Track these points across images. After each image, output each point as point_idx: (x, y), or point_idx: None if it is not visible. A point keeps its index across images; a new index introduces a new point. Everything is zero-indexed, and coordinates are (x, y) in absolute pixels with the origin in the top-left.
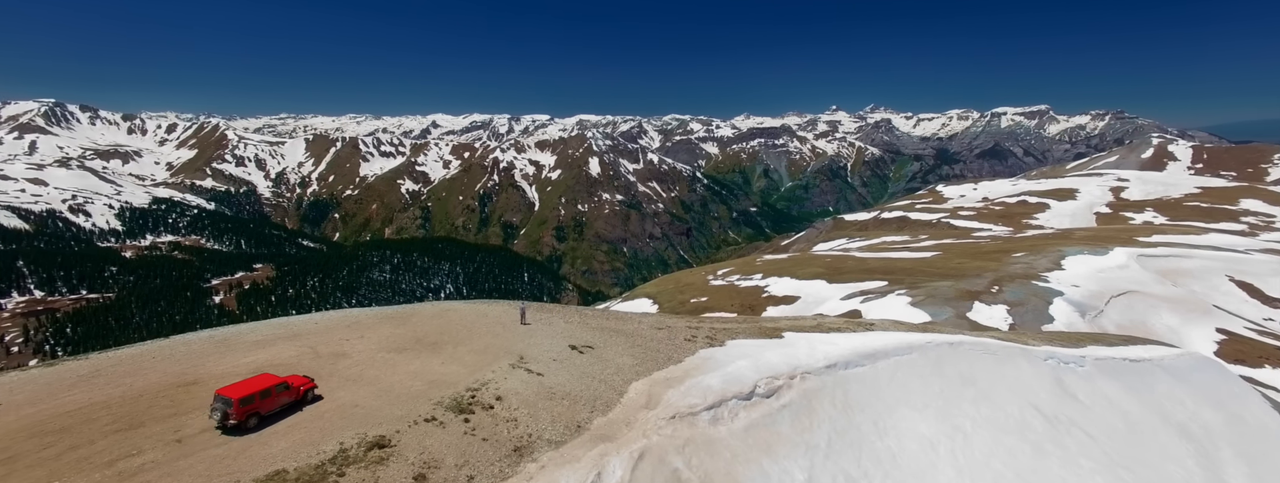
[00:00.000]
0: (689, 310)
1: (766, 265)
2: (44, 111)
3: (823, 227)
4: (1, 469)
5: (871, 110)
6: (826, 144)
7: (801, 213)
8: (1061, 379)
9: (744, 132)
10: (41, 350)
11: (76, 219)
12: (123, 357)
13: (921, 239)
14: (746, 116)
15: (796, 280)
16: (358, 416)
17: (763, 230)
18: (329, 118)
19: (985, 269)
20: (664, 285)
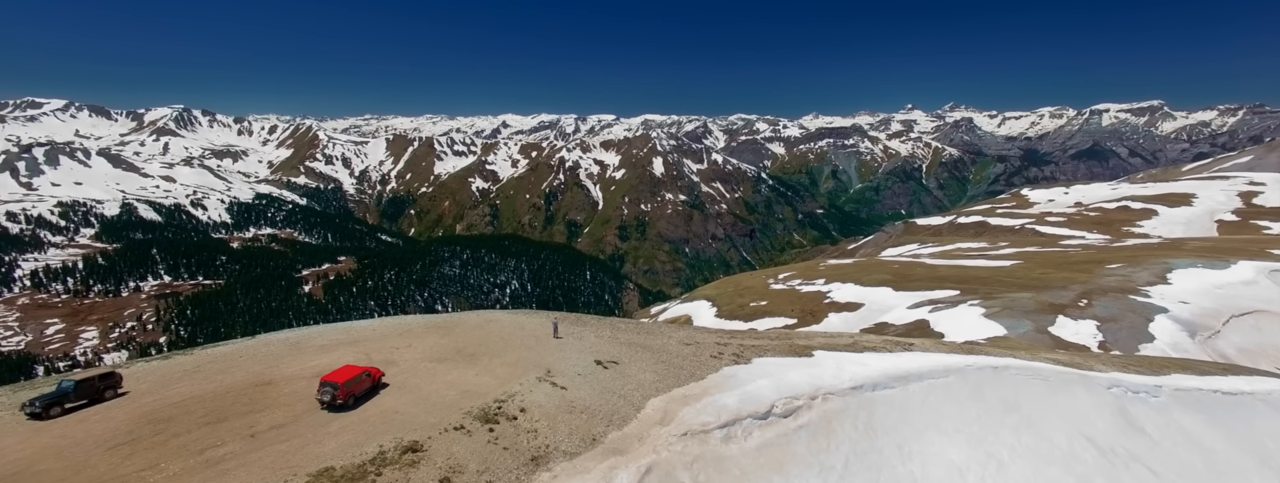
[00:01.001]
0: (747, 314)
1: (830, 270)
2: (174, 117)
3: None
4: (127, 449)
5: (950, 109)
6: (900, 144)
7: (871, 216)
8: (1126, 410)
9: (812, 131)
10: (168, 329)
11: (196, 213)
12: (217, 355)
13: (1001, 246)
14: (815, 116)
15: (861, 287)
16: (397, 421)
17: (829, 233)
18: (408, 118)
19: (1073, 281)
20: (723, 288)
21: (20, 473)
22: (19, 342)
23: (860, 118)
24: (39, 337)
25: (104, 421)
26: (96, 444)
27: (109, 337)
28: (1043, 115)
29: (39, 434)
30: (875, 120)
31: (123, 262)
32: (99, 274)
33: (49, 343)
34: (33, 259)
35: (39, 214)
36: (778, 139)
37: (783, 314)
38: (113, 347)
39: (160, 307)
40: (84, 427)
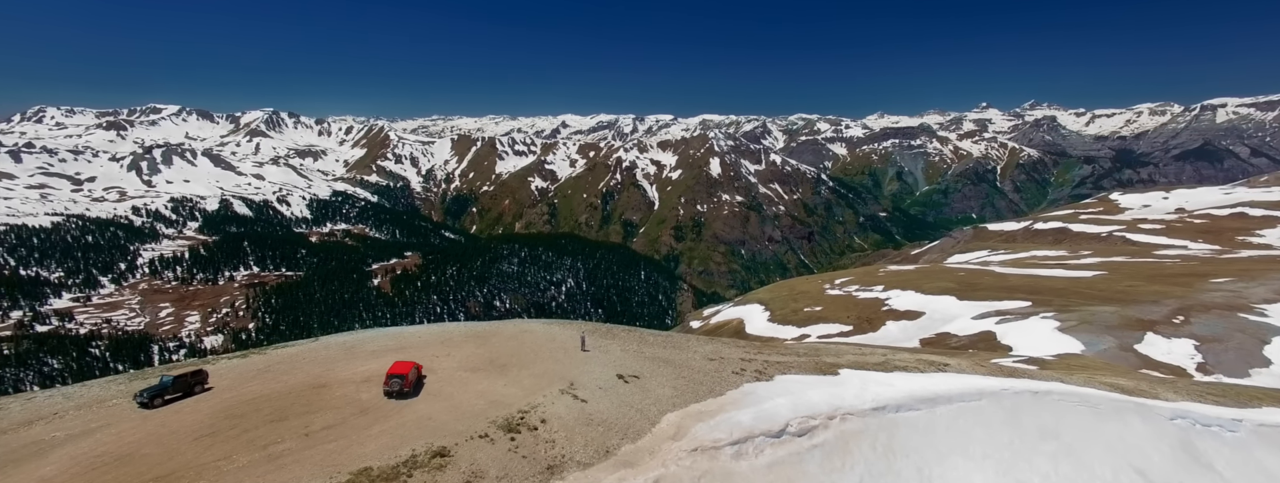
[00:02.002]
0: (801, 320)
1: (889, 277)
2: (264, 119)
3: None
4: (208, 440)
5: (1031, 106)
6: (972, 145)
7: (939, 219)
8: (1191, 444)
9: (876, 131)
10: (256, 316)
11: (281, 208)
12: (284, 356)
13: (1082, 255)
14: (880, 116)
15: (922, 295)
16: (429, 427)
17: (892, 237)
18: (472, 119)
19: (1167, 295)
20: (777, 292)
21: (131, 455)
22: (139, 323)
23: (929, 117)
24: (154, 319)
25: (192, 413)
26: (186, 434)
27: (208, 321)
28: (1141, 112)
29: (146, 421)
30: (945, 120)
31: (220, 253)
32: (201, 264)
33: (162, 325)
34: (150, 249)
35: (156, 209)
36: (839, 139)
37: (838, 321)
38: (211, 330)
39: (250, 295)
40: (178, 417)
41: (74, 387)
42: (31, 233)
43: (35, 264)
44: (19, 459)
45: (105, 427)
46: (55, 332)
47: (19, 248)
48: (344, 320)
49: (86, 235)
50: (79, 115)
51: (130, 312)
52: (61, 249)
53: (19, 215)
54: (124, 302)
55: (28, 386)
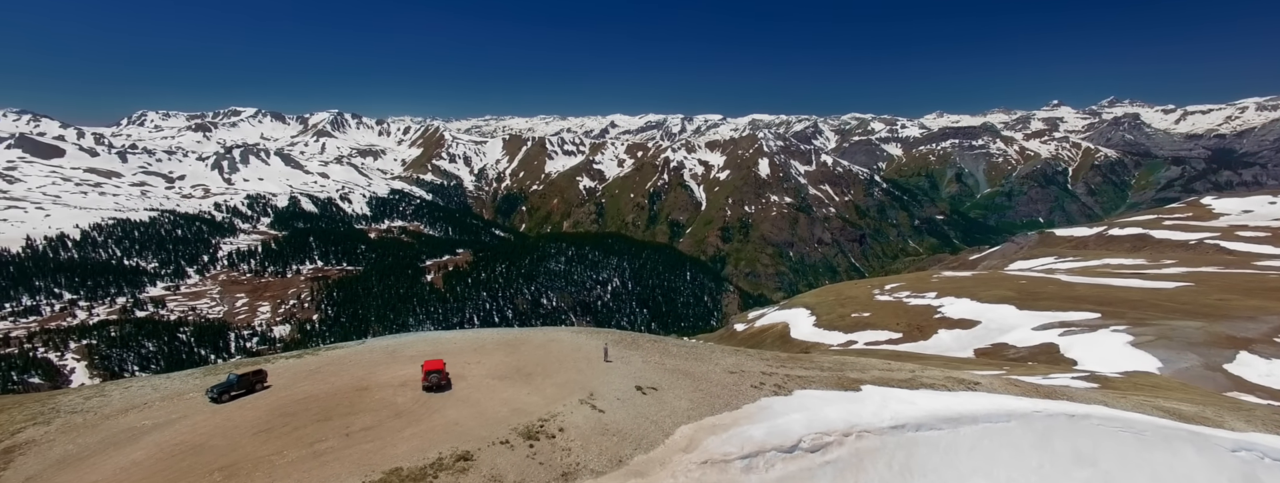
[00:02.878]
0: (847, 325)
1: (943, 283)
2: (330, 120)
3: (1024, 241)
4: (264, 436)
5: (1110, 103)
6: (1040, 145)
7: (1001, 224)
8: (1258, 479)
9: (934, 131)
10: (319, 308)
11: (343, 205)
12: (333, 358)
13: (1165, 264)
14: (939, 115)
15: (977, 303)
16: (456, 432)
17: (949, 241)
18: (523, 119)
19: (1267, 310)
20: (824, 296)
21: (202, 445)
22: (219, 312)
23: (993, 116)
24: (231, 308)
25: (252, 409)
26: (246, 429)
27: (278, 312)
28: (1245, 107)
29: (215, 415)
30: (1011, 119)
31: (288, 247)
32: (272, 257)
33: (237, 314)
34: (228, 242)
35: (234, 205)
36: (894, 140)
37: (886, 328)
38: (279, 321)
39: (314, 288)
40: (241, 413)
41: (160, 379)
42: (133, 226)
43: (135, 255)
44: (118, 443)
45: (183, 418)
46: (151, 317)
47: (123, 240)
48: (399, 315)
49: (176, 229)
50: (173, 118)
51: (211, 301)
52: (156, 241)
53: (124, 210)
54: (206, 291)
55: (129, 366)
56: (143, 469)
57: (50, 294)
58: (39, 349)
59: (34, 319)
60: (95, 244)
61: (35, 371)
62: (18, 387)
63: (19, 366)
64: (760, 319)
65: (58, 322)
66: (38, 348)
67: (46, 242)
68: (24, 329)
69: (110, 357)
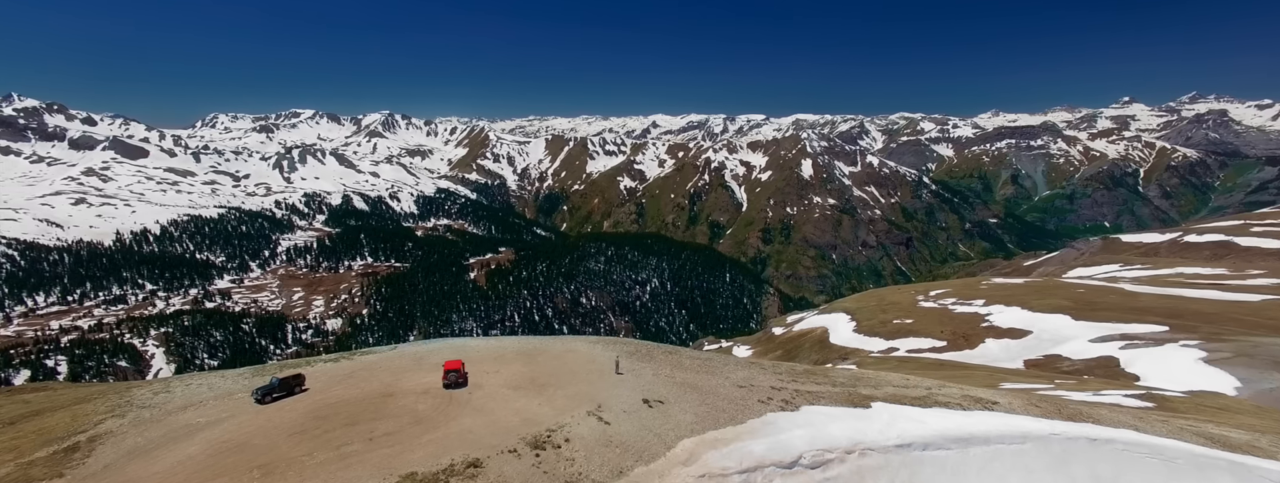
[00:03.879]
0: (888, 332)
1: (992, 290)
2: (381, 121)
3: (1085, 247)
4: (299, 437)
5: (1191, 99)
6: (1107, 145)
7: (1062, 228)
8: None
9: (989, 131)
10: (368, 302)
11: (392, 204)
12: (365, 363)
13: (1250, 275)
14: (994, 114)
15: (1029, 312)
16: (469, 440)
17: (1003, 246)
18: (566, 119)
19: None
20: (865, 301)
21: (245, 444)
22: (278, 304)
23: (1055, 115)
24: (289, 301)
25: (290, 412)
26: (284, 430)
27: (330, 306)
28: None
29: (258, 415)
30: (1074, 117)
31: (340, 243)
32: (325, 253)
33: (294, 307)
34: (287, 239)
35: (292, 203)
36: (945, 140)
37: (930, 335)
38: (332, 314)
39: (364, 284)
40: (280, 414)
41: (215, 377)
42: (204, 222)
43: (206, 249)
44: (176, 438)
45: (231, 417)
46: (218, 308)
47: (196, 235)
48: (443, 311)
49: (241, 225)
50: (240, 120)
51: (271, 294)
52: (224, 237)
53: (196, 207)
54: (266, 285)
55: (199, 354)
56: (195, 464)
57: (135, 285)
58: (125, 335)
59: (121, 307)
60: (172, 239)
61: (122, 355)
62: (109, 369)
63: (110, 350)
64: (799, 323)
65: (140, 310)
66: (124, 334)
67: (132, 236)
68: (113, 317)
69: (184, 344)
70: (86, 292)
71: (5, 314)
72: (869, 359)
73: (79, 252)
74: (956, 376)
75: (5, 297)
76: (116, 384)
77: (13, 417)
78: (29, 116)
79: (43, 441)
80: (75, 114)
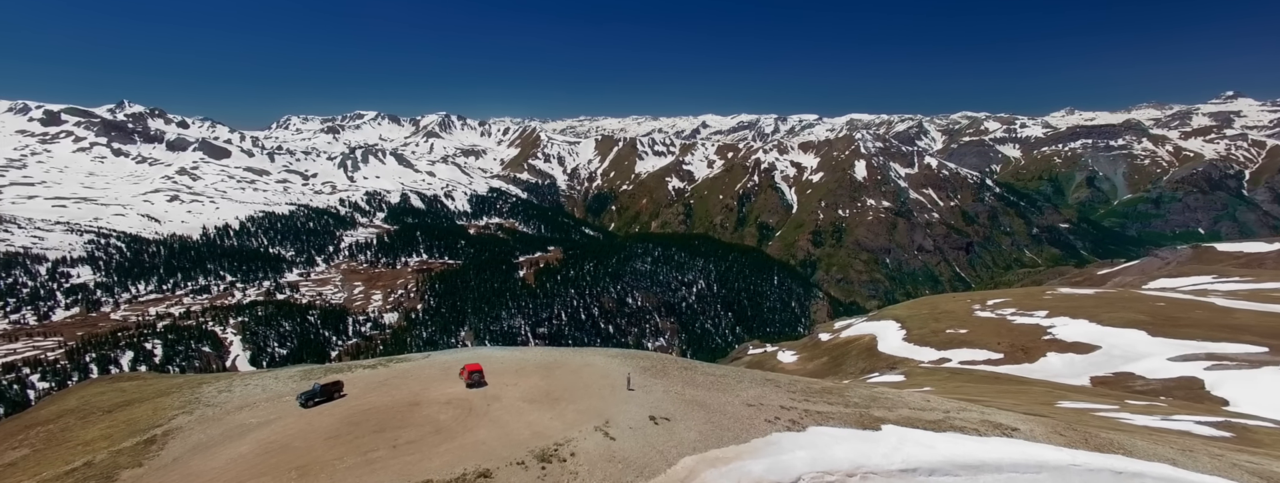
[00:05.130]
0: (940, 342)
1: (1057, 301)
2: (438, 122)
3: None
4: (333, 441)
5: None
6: (1204, 144)
7: (1145, 234)
8: None
9: (1061, 131)
10: (423, 298)
11: (447, 202)
12: (399, 371)
13: None
14: (1068, 112)
15: (1098, 325)
16: (482, 451)
17: (1075, 252)
18: (616, 119)
19: None
20: (916, 309)
21: (287, 446)
22: (340, 298)
23: (1140, 112)
24: (350, 295)
25: (328, 416)
26: (321, 434)
27: (388, 300)
28: None
29: (300, 418)
30: (1164, 115)
31: (398, 240)
32: (384, 249)
33: (354, 300)
34: (350, 235)
35: (355, 201)
36: (1012, 140)
37: (985, 347)
38: (389, 308)
39: (419, 280)
40: (319, 419)
41: (268, 378)
42: (277, 219)
43: (278, 244)
44: (231, 437)
45: (279, 419)
46: (288, 300)
47: (269, 230)
48: (493, 308)
49: (309, 222)
50: (310, 122)
51: (334, 288)
52: (293, 232)
53: (270, 204)
54: (330, 279)
55: (269, 342)
56: (245, 462)
57: (217, 276)
58: (208, 323)
59: (205, 297)
60: (249, 233)
61: (206, 341)
62: (195, 353)
63: (196, 336)
64: (847, 330)
65: (221, 300)
66: (208, 322)
67: (216, 231)
68: (199, 305)
69: (257, 333)
70: (178, 281)
71: (115, 300)
72: (918, 370)
73: (172, 245)
74: (1011, 390)
75: (115, 284)
76: (191, 378)
77: (111, 405)
78: (136, 121)
79: (130, 431)
80: (172, 118)
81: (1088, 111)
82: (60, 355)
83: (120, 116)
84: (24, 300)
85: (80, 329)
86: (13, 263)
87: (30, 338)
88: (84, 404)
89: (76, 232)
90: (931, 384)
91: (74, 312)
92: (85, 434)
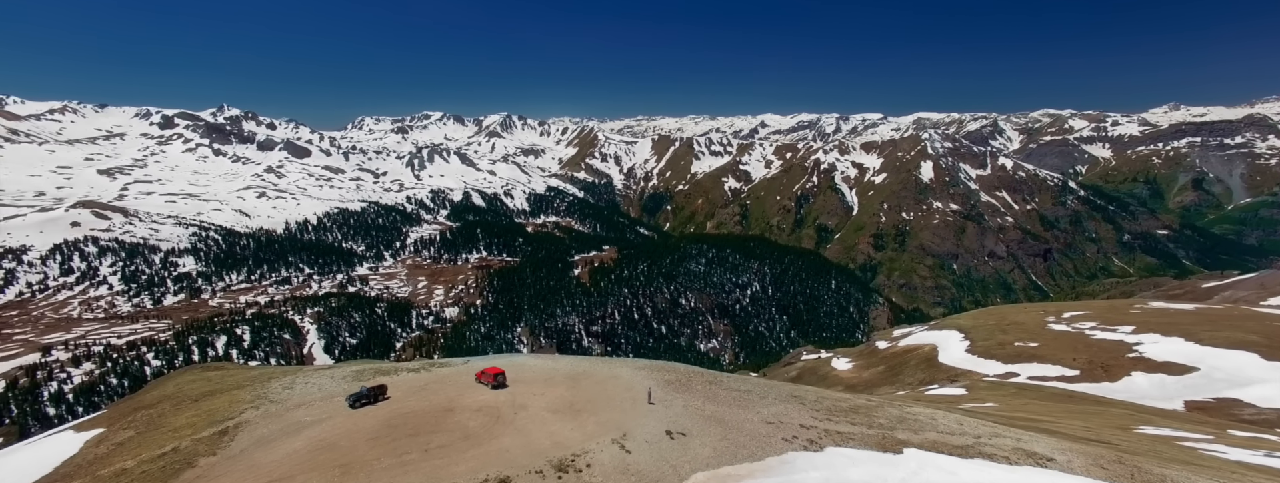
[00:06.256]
0: (1007, 355)
1: (1146, 315)
2: (500, 122)
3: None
4: (373, 442)
5: None
6: None
7: (1268, 243)
8: None
9: (1163, 129)
10: (481, 294)
11: (506, 201)
12: (438, 376)
13: None
14: (1172, 108)
15: (1196, 344)
16: (504, 459)
17: (1176, 262)
18: (673, 119)
19: None
20: (982, 319)
21: (334, 444)
22: (405, 291)
23: (1264, 105)
24: (414, 289)
25: (371, 418)
26: (363, 435)
27: (449, 295)
28: None
29: (348, 418)
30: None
31: (459, 237)
32: (446, 246)
33: (418, 294)
34: (414, 231)
35: (420, 199)
36: (1101, 139)
37: (1058, 362)
38: (450, 303)
39: (478, 276)
40: (364, 420)
41: (324, 378)
42: (350, 215)
43: (350, 239)
44: (288, 433)
45: (329, 418)
46: (358, 293)
47: (343, 225)
48: (548, 305)
49: (378, 218)
50: (382, 123)
51: (400, 282)
52: (364, 228)
53: (344, 201)
54: (396, 273)
55: (341, 332)
56: (298, 457)
57: (296, 268)
58: (288, 312)
59: (287, 287)
60: (325, 229)
61: (286, 329)
62: (277, 340)
63: (277, 324)
64: (906, 338)
65: (300, 291)
66: (288, 311)
67: (296, 225)
68: (281, 295)
69: (331, 323)
70: (263, 272)
71: (212, 288)
72: (981, 384)
73: (260, 238)
74: (1085, 410)
75: (212, 274)
76: (264, 371)
77: (198, 394)
78: (233, 124)
79: (209, 421)
80: (262, 120)
81: (1196, 107)
82: (169, 337)
83: (220, 120)
84: (143, 286)
85: (185, 313)
86: (136, 252)
87: (147, 320)
88: (178, 391)
89: (183, 225)
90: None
91: (180, 298)
92: (175, 421)
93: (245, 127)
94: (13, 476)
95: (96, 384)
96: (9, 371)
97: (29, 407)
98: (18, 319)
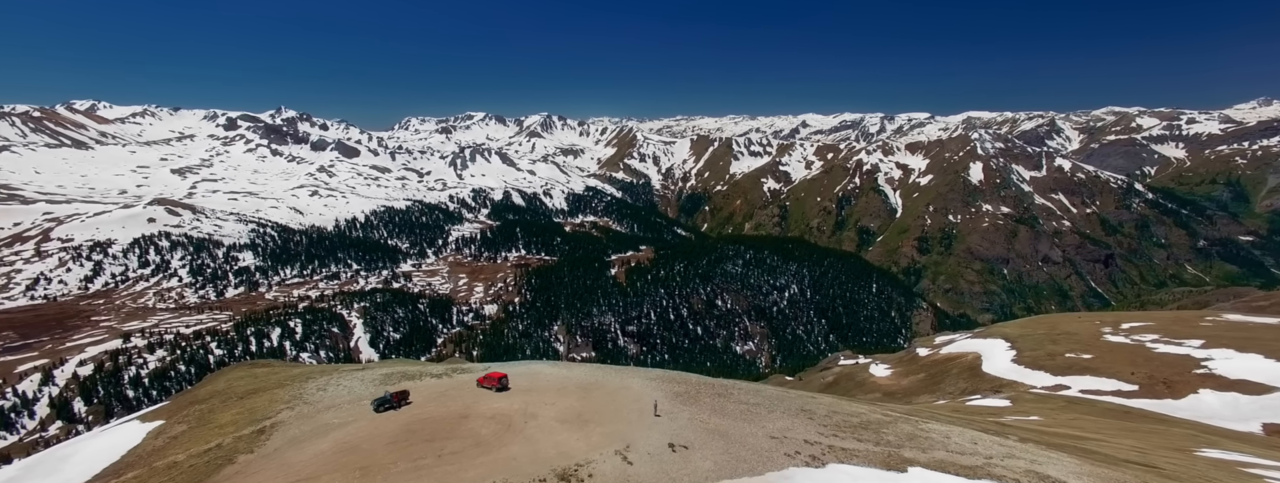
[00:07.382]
0: (1057, 367)
1: (1219, 329)
2: (540, 122)
3: None
4: (392, 446)
5: None
6: None
7: None
8: None
9: (1249, 126)
10: (520, 292)
11: (545, 200)
12: (458, 382)
13: None
14: (1262, 103)
15: (1275, 361)
16: (511, 467)
17: (1263, 270)
18: (712, 119)
19: None
20: (1031, 328)
21: (356, 447)
22: (447, 288)
23: None
24: (455, 286)
25: (393, 423)
26: (384, 439)
27: (488, 292)
28: None
29: (372, 422)
30: None
31: (499, 236)
32: (486, 244)
33: (459, 292)
34: (456, 229)
35: (462, 198)
36: (1174, 138)
37: (1114, 376)
38: (489, 300)
39: (517, 274)
40: (386, 425)
41: (355, 381)
42: (395, 213)
43: (395, 236)
44: (318, 434)
45: (355, 422)
46: (402, 289)
47: (388, 223)
48: (584, 304)
49: (422, 216)
50: (427, 123)
51: (442, 279)
52: (408, 226)
53: (390, 199)
54: (438, 270)
55: (385, 327)
56: (324, 458)
57: (345, 264)
58: (337, 306)
59: (336, 282)
60: (371, 226)
61: (334, 323)
62: (325, 333)
63: (326, 317)
64: (949, 345)
65: (348, 286)
66: (336, 306)
67: (345, 223)
68: (331, 290)
69: (376, 318)
70: (314, 268)
71: (268, 282)
72: (1027, 395)
73: (311, 234)
74: (1140, 429)
75: (268, 268)
76: (303, 370)
77: (244, 391)
78: (289, 125)
79: (250, 419)
80: (315, 121)
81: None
82: (230, 328)
83: (278, 121)
84: (207, 279)
85: (243, 306)
86: (202, 247)
87: (211, 311)
88: (228, 388)
89: (243, 221)
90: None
91: (240, 291)
92: (222, 417)
93: (300, 127)
94: (89, 461)
95: (167, 370)
96: (97, 354)
97: (113, 389)
98: (103, 307)
